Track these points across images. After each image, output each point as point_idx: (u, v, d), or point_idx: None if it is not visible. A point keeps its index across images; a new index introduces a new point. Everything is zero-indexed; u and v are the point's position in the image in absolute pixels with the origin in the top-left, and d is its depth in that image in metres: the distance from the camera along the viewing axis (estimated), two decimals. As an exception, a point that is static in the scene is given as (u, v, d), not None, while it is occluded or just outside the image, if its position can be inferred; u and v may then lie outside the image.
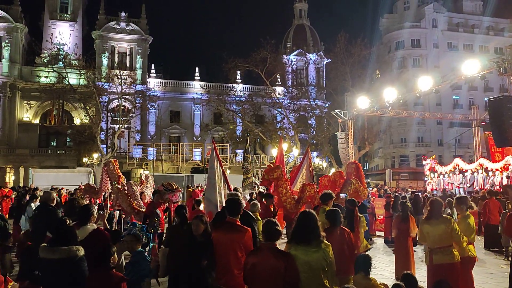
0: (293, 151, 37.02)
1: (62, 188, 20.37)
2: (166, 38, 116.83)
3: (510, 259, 9.61)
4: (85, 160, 38.04)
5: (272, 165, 10.40)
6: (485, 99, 20.43)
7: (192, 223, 5.10)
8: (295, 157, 36.50)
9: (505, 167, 18.99)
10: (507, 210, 10.63)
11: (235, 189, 12.56)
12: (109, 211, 13.18)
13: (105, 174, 12.46)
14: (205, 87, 46.99)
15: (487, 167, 20.57)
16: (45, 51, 40.29)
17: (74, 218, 5.72)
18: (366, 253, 6.20)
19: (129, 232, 5.59)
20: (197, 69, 48.75)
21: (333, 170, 39.12)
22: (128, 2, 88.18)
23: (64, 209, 10.40)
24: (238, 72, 41.00)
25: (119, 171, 12.03)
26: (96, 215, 5.89)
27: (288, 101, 40.41)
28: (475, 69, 16.60)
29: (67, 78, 35.80)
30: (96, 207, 6.91)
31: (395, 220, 9.09)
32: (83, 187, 17.56)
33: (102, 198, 14.90)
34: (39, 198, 10.57)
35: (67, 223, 5.18)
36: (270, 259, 3.86)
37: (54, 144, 44.87)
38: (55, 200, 7.36)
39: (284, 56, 46.95)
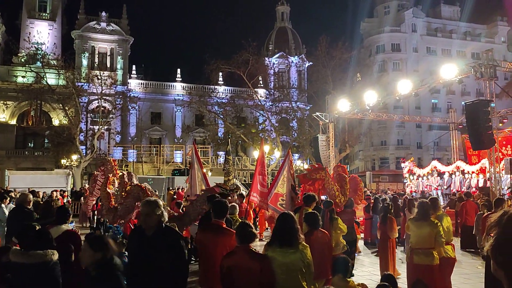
0: (275, 153, 37.10)
1: (40, 192, 19.92)
2: (147, 39, 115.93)
3: (486, 259, 9.81)
4: (63, 161, 37.35)
5: (316, 165, 10.27)
6: (462, 103, 20.89)
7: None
8: (277, 159, 36.58)
9: (481, 169, 19.42)
10: (481, 212, 10.85)
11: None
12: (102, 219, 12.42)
13: (101, 176, 10.74)
14: (186, 89, 46.78)
15: (464, 170, 21.01)
16: (23, 51, 39.44)
17: (51, 220, 5.61)
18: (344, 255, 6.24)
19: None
20: (178, 70, 48.51)
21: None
22: (109, 2, 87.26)
23: (40, 211, 10.15)
24: (220, 73, 40.92)
25: (118, 172, 10.58)
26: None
27: (270, 103, 40.52)
28: (452, 73, 16.95)
29: (45, 78, 35.11)
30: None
31: (379, 222, 9.33)
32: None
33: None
34: (8, 198, 10.27)
35: (36, 228, 5.08)
36: (246, 261, 3.85)
37: (32, 145, 43.97)
38: (31, 202, 7.21)
39: (266, 58, 47.06)
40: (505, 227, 1.48)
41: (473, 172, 20.30)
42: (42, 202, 8.94)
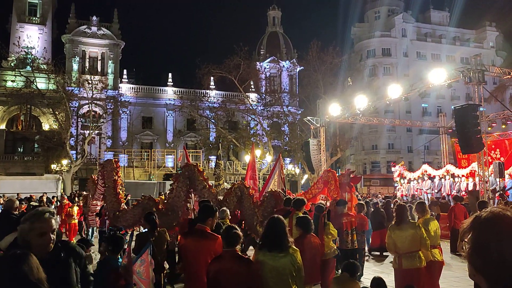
0: (266, 158, 37.13)
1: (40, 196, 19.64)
2: (138, 43, 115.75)
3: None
4: (53, 166, 37.04)
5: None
6: (452, 107, 21.05)
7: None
8: (268, 163, 36.59)
9: (471, 173, 19.59)
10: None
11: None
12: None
13: (101, 179, 9.65)
14: (178, 93, 46.66)
15: (454, 173, 21.17)
16: (12, 55, 39.18)
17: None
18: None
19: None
20: (170, 74, 48.43)
21: (305, 177, 39.45)
22: (100, 7, 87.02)
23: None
24: (212, 78, 40.89)
25: (119, 173, 9.48)
26: None
27: (262, 108, 40.57)
28: (442, 78, 17.10)
29: (35, 83, 34.87)
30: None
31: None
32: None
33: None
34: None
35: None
36: (233, 266, 3.84)
37: (21, 150, 43.53)
38: (18, 208, 7.14)
39: (258, 63, 47.15)
40: (480, 231, 1.49)
41: (463, 176, 20.46)
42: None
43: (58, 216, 15.76)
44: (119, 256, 5.19)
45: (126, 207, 9.45)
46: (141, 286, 4.63)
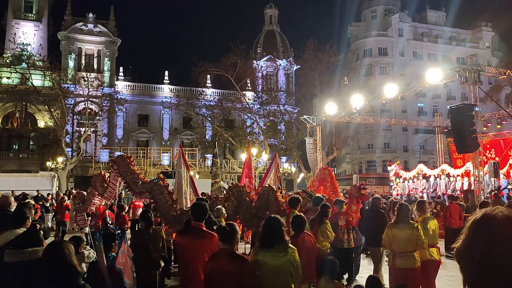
0: (262, 156, 37.12)
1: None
2: (135, 40, 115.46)
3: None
4: (49, 164, 36.89)
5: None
6: (448, 106, 21.12)
7: None
8: (264, 162, 36.58)
9: (466, 173, 19.69)
10: (469, 215, 10.98)
11: (203, 194, 12.47)
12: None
13: (114, 175, 8.71)
14: (174, 91, 46.60)
15: (449, 173, 21.26)
16: (8, 51, 38.90)
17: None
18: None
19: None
20: (166, 72, 48.30)
21: (301, 175, 39.49)
22: (96, 4, 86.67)
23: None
24: (208, 76, 40.82)
25: (134, 167, 8.64)
26: (31, 220, 5.38)
27: (258, 106, 40.54)
28: (438, 77, 17.15)
29: (30, 80, 34.69)
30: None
31: None
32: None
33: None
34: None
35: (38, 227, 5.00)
36: (226, 264, 3.83)
37: (16, 147, 43.34)
38: (12, 204, 7.07)
39: (254, 61, 47.07)
40: (469, 232, 1.50)
41: (458, 175, 20.56)
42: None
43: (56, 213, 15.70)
44: (114, 253, 5.20)
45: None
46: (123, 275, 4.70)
